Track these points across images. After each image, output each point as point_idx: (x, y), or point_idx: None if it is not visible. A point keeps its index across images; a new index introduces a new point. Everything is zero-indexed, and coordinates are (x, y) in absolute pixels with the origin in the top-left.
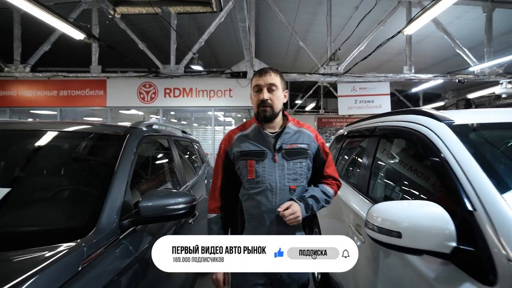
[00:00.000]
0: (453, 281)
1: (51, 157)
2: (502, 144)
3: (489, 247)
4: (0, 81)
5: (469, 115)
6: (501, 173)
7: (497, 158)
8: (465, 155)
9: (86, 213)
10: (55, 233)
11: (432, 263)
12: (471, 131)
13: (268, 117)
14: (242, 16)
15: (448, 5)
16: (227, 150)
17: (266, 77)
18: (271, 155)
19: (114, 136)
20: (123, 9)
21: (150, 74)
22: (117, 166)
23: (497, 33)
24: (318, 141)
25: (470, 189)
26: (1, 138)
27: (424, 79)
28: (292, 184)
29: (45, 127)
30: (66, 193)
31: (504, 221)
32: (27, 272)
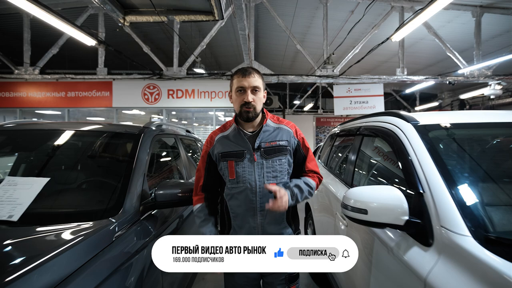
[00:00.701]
0: (405, 246)
1: (80, 152)
2: (451, 141)
3: (431, 219)
4: (10, 83)
5: (431, 117)
6: (447, 163)
7: (445, 152)
8: (422, 149)
9: (113, 199)
10: (92, 213)
11: (391, 234)
12: (430, 130)
13: (251, 117)
14: (242, 26)
15: (429, 16)
16: (209, 152)
17: (250, 79)
18: (250, 155)
19: (132, 135)
20: (132, 17)
21: (154, 76)
22: (136, 160)
23: (487, 36)
24: (298, 137)
25: (422, 176)
26: (38, 136)
27: (416, 80)
28: (272, 182)
29: (74, 127)
30: (95, 183)
31: (443, 201)
32: (80, 238)
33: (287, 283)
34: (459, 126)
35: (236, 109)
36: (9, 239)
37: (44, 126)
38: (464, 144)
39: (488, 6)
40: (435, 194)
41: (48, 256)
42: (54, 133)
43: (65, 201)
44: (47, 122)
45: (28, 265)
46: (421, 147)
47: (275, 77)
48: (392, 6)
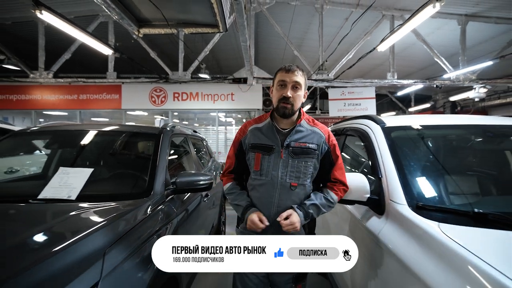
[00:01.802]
0: (367, 216)
1: (113, 148)
2: (406, 139)
3: (384, 196)
4: (26, 86)
5: (396, 120)
6: (399, 156)
7: (400, 147)
8: (384, 146)
9: (145, 184)
10: (131, 194)
11: (358, 208)
12: (392, 131)
13: (287, 114)
14: (244, 38)
15: (411, 29)
16: (241, 140)
17: (293, 75)
18: (278, 151)
19: (153, 135)
20: (146, 30)
21: (160, 80)
22: (159, 154)
23: (473, 42)
24: (329, 143)
25: (382, 166)
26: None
27: (405, 84)
28: (294, 182)
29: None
30: (128, 172)
31: (393, 183)
32: (128, 210)
33: (294, 283)
34: (412, 128)
35: (274, 103)
36: (74, 210)
37: (82, 127)
38: (413, 142)
39: (472, 15)
40: (389, 178)
41: (108, 221)
42: (91, 132)
43: (107, 186)
44: (83, 124)
45: (96, 226)
46: (384, 144)
47: None
48: (383, 14)
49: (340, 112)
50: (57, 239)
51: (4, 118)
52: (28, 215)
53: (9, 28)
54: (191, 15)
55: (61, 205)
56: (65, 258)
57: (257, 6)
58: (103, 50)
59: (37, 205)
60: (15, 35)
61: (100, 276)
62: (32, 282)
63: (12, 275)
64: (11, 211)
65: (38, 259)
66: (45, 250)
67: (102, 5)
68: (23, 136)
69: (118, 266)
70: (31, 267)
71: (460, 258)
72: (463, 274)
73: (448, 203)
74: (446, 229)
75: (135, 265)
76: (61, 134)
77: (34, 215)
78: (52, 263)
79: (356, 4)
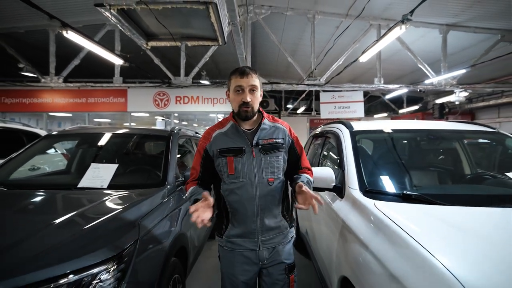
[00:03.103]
0: (333, 200)
1: (131, 147)
2: (365, 140)
3: (345, 183)
4: (38, 90)
5: (361, 125)
6: (359, 153)
7: (361, 147)
8: (349, 145)
9: (159, 177)
10: (151, 184)
11: (327, 195)
12: (357, 134)
13: (249, 116)
14: (240, 51)
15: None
16: (206, 148)
17: (248, 79)
18: (249, 151)
19: (164, 136)
20: (153, 43)
21: (163, 85)
22: (170, 153)
23: (455, 49)
24: (292, 136)
25: (345, 161)
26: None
27: (391, 89)
28: (270, 177)
29: (124, 131)
30: (146, 167)
31: (351, 174)
32: (149, 195)
33: (286, 273)
34: (372, 132)
35: (235, 108)
36: (110, 195)
37: (104, 130)
38: (370, 142)
39: (453, 24)
40: (349, 171)
41: (137, 202)
42: (112, 135)
43: (129, 178)
44: (105, 127)
45: (130, 204)
46: (349, 144)
47: (269, 85)
48: (371, 24)
49: (331, 114)
50: (107, 211)
51: (11, 119)
52: (77, 198)
53: (22, 36)
54: (194, 30)
55: (98, 192)
56: (117, 222)
57: (253, 16)
58: (114, 60)
59: (80, 192)
60: (26, 42)
61: (138, 236)
62: (99, 235)
63: (86, 232)
64: (63, 196)
65: (99, 224)
66: (102, 218)
67: (117, 24)
68: (54, 138)
69: (147, 232)
70: (97, 226)
71: (381, 221)
72: (382, 230)
73: (384, 187)
74: (378, 204)
75: (157, 234)
76: (88, 136)
77: (82, 198)
78: (108, 225)
79: (345, 15)
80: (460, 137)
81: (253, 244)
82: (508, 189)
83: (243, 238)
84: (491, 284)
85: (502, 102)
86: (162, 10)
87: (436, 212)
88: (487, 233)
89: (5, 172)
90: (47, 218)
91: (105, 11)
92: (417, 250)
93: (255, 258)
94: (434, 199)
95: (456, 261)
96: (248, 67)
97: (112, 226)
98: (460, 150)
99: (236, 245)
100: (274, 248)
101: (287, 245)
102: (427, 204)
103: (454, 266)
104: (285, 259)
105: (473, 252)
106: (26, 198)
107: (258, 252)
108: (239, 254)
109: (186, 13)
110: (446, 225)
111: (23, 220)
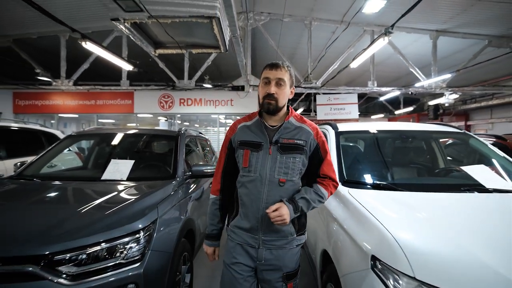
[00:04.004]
0: None
1: (145, 145)
2: (347, 139)
3: None
4: (49, 93)
5: (345, 126)
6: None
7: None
8: (334, 143)
9: (170, 171)
10: (163, 177)
11: None
12: (341, 134)
13: (272, 110)
14: (240, 58)
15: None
16: (231, 138)
17: (277, 72)
18: (267, 148)
19: (173, 136)
20: (161, 50)
21: (168, 87)
22: (179, 151)
23: (445, 54)
24: (318, 139)
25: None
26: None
27: (384, 91)
28: (282, 177)
29: (138, 131)
30: (158, 163)
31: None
32: (163, 186)
33: (284, 281)
34: (353, 132)
35: (260, 100)
36: (130, 185)
37: (120, 131)
38: (350, 141)
39: (442, 30)
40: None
41: (154, 190)
42: (127, 134)
43: (144, 172)
44: (119, 128)
45: (149, 191)
46: (333, 142)
47: None
48: (364, 30)
49: (327, 115)
50: (130, 197)
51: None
52: (104, 187)
53: (33, 41)
54: (198, 39)
55: (120, 183)
56: (140, 205)
57: (253, 22)
58: (125, 67)
59: (105, 182)
60: (37, 47)
61: (157, 216)
62: (128, 214)
63: (118, 211)
64: (92, 186)
65: (127, 205)
66: (127, 202)
67: (129, 35)
68: (76, 137)
69: (163, 214)
70: (125, 208)
71: (350, 202)
72: (350, 208)
73: (357, 178)
74: (351, 191)
75: (171, 216)
76: (105, 136)
77: (108, 187)
78: (134, 207)
79: (340, 21)
80: (429, 137)
81: (254, 240)
82: (455, 179)
83: (247, 232)
84: (419, 243)
85: (493, 103)
86: (170, 23)
87: (393, 196)
88: (428, 209)
89: (36, 167)
90: (84, 202)
91: (120, 24)
92: (371, 220)
93: (254, 255)
94: (395, 186)
95: (396, 226)
96: (281, 62)
97: (137, 208)
98: (427, 148)
99: (238, 236)
100: (275, 252)
101: (289, 251)
102: (389, 190)
103: (394, 230)
104: (284, 266)
105: (412, 222)
106: (62, 188)
107: (258, 250)
108: (240, 246)
109: (191, 24)
110: (397, 204)
111: (67, 203)
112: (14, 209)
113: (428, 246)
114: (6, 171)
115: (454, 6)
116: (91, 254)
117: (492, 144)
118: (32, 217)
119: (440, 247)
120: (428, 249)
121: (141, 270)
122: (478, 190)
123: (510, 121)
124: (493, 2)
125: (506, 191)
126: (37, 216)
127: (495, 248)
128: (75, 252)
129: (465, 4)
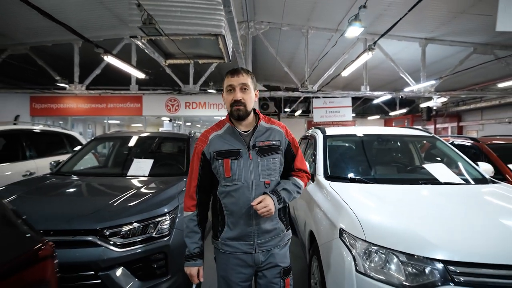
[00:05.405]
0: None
1: (163, 147)
2: (334, 141)
3: (316, 173)
4: (63, 97)
5: (332, 130)
6: (328, 151)
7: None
8: (321, 146)
9: (183, 169)
10: (177, 173)
11: None
12: (328, 137)
13: (242, 115)
14: (242, 65)
15: (362, 62)
16: (204, 150)
17: (239, 78)
18: (246, 153)
19: (184, 139)
20: (171, 61)
21: (174, 92)
22: (188, 151)
23: (434, 59)
24: (288, 137)
25: (317, 156)
26: (136, 138)
27: (376, 95)
28: (267, 179)
29: (154, 134)
30: (172, 162)
31: (320, 166)
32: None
33: (282, 277)
34: (339, 135)
35: (228, 108)
36: (153, 180)
37: (139, 134)
38: (336, 143)
39: (431, 38)
40: (318, 164)
41: (173, 183)
42: (144, 137)
43: (162, 169)
44: (136, 131)
45: (169, 184)
46: (321, 144)
47: (267, 93)
48: (358, 38)
49: (323, 118)
50: (155, 189)
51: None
52: (131, 181)
53: (49, 49)
54: (204, 51)
55: (143, 178)
56: (164, 195)
57: (254, 31)
58: (137, 75)
59: (131, 177)
60: (52, 54)
61: (178, 203)
62: (156, 201)
63: (149, 198)
64: (120, 180)
65: (154, 195)
66: (153, 191)
67: (144, 48)
68: (100, 139)
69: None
70: (153, 196)
71: (329, 192)
72: (329, 196)
73: (338, 174)
74: (332, 184)
75: None
76: (125, 138)
77: (135, 181)
78: (159, 196)
79: (335, 29)
80: (402, 140)
81: (249, 247)
82: (418, 175)
83: (239, 241)
84: (372, 217)
85: (482, 106)
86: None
87: (365, 187)
88: (387, 196)
89: (69, 166)
90: (120, 192)
91: (137, 40)
92: (342, 204)
93: (251, 261)
94: (366, 180)
95: (359, 207)
96: (240, 67)
97: (162, 197)
98: (401, 148)
99: (232, 247)
100: (270, 251)
101: (283, 248)
102: (361, 183)
103: (357, 209)
104: (280, 262)
105: (372, 204)
106: (97, 182)
107: (254, 255)
108: (234, 257)
109: (199, 39)
110: (364, 192)
111: (106, 193)
112: (66, 196)
113: (378, 219)
114: (37, 170)
115: (438, 17)
116: (131, 230)
117: (470, 146)
118: (82, 202)
119: (388, 220)
120: (378, 221)
121: (169, 242)
122: (432, 183)
123: (500, 122)
124: (474, 14)
125: (454, 183)
126: (86, 202)
127: (430, 221)
128: (120, 228)
129: (448, 16)
